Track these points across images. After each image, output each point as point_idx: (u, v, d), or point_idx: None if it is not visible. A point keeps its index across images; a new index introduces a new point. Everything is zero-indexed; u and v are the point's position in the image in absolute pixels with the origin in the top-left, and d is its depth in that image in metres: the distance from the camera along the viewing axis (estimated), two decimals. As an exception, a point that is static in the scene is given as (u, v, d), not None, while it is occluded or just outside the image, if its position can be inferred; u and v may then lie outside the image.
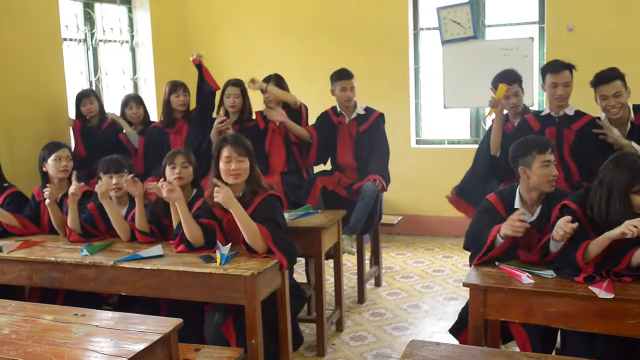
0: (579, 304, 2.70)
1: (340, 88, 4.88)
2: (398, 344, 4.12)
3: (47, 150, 4.06)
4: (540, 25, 6.21)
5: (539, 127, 4.13)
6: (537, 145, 3.24)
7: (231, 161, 3.38)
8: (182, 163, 3.72)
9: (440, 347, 2.29)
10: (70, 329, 2.47)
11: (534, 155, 3.20)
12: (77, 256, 3.49)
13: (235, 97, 4.96)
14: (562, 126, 4.08)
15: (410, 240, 6.60)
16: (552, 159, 3.20)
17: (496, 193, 3.37)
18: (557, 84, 4.03)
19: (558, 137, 4.05)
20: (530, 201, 3.24)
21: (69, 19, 5.86)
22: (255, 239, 3.24)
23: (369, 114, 4.98)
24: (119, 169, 3.83)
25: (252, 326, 3.10)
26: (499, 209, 3.27)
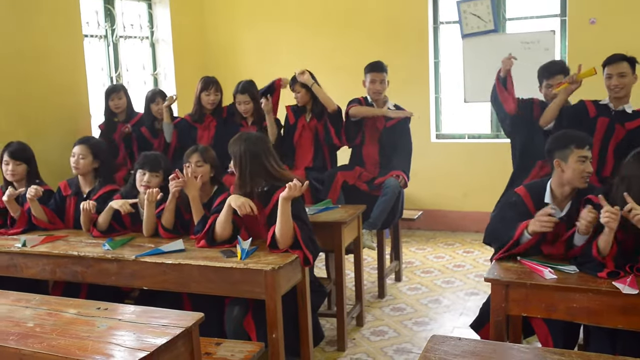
0: (602, 299, 2.68)
1: (370, 79, 4.90)
2: (418, 339, 4.11)
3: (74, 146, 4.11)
4: (562, 18, 6.14)
5: (595, 113, 4.07)
6: (576, 140, 3.18)
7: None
8: (196, 162, 3.72)
9: (462, 342, 2.27)
10: (94, 323, 2.49)
11: (571, 149, 3.14)
12: (99, 250, 3.52)
13: (246, 104, 4.99)
14: (616, 121, 4.01)
15: (431, 235, 6.57)
16: (589, 155, 3.14)
17: (525, 186, 3.32)
18: (611, 74, 3.98)
19: (608, 130, 4.01)
20: (561, 196, 3.19)
21: (89, 16, 5.90)
22: (287, 236, 3.25)
23: None
24: (154, 168, 3.81)
25: (273, 320, 3.10)
26: (527, 203, 3.22)
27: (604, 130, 4.02)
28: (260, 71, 6.37)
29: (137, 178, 3.80)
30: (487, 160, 6.20)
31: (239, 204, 3.32)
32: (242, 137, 3.55)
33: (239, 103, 5.02)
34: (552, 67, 4.38)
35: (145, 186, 3.74)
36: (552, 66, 4.39)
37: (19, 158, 4.11)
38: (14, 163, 4.08)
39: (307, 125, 5.05)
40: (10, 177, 4.08)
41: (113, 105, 5.27)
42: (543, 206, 3.13)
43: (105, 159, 4.18)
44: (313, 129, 5.04)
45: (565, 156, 3.15)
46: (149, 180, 3.77)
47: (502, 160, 4.73)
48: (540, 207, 3.12)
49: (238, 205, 3.32)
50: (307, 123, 5.05)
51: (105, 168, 4.19)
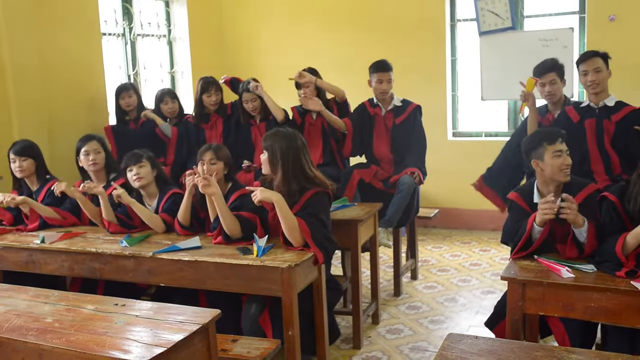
0: (620, 298, 2.66)
1: (376, 80, 4.87)
2: (434, 338, 4.10)
3: (79, 144, 4.14)
4: (581, 15, 6.09)
5: (579, 118, 4.07)
6: (546, 136, 3.23)
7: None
8: (210, 159, 3.73)
9: (479, 340, 2.27)
10: (111, 319, 2.51)
11: (544, 146, 3.18)
12: (116, 247, 3.54)
13: (253, 101, 5.00)
14: (602, 117, 4.01)
15: (447, 234, 6.55)
16: (563, 148, 3.17)
17: (516, 191, 3.37)
18: (587, 71, 4.00)
19: (598, 128, 3.99)
20: (548, 194, 3.18)
21: (107, 14, 5.94)
22: (293, 232, 3.25)
23: (406, 106, 4.95)
24: (137, 160, 3.87)
25: (289, 318, 3.11)
26: (522, 205, 3.25)
27: (594, 131, 4.01)
28: (276, 69, 6.38)
29: (129, 178, 3.86)
30: (504, 159, 6.15)
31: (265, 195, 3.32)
32: (282, 134, 3.51)
33: (245, 101, 5.03)
34: (543, 66, 4.36)
35: (137, 179, 3.82)
36: (543, 65, 4.37)
37: (24, 154, 4.14)
38: (20, 159, 4.12)
39: (315, 123, 5.06)
40: (20, 173, 4.13)
41: (124, 104, 5.31)
42: (535, 206, 3.13)
43: (110, 153, 4.26)
44: (320, 126, 5.04)
45: (541, 155, 3.19)
46: (137, 172, 3.84)
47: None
48: (534, 208, 3.13)
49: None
50: (314, 121, 5.06)
51: (112, 162, 4.24)
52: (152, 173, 3.90)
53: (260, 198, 3.27)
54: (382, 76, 4.85)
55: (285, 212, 3.25)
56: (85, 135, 4.20)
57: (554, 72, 4.32)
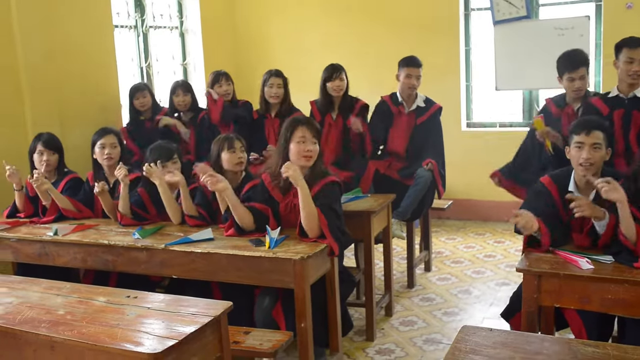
0: (638, 290, 2.62)
1: (405, 74, 4.81)
2: (448, 330, 4.08)
3: (95, 137, 4.14)
4: (597, 3, 6.00)
5: (608, 110, 3.89)
6: (576, 126, 3.14)
7: (306, 142, 3.38)
8: (240, 147, 3.75)
9: (493, 333, 2.24)
10: (123, 311, 2.51)
11: (572, 136, 3.12)
12: (129, 239, 3.54)
13: (278, 87, 4.94)
14: (632, 108, 3.86)
15: (461, 225, 6.51)
16: (585, 141, 3.04)
17: (550, 176, 3.25)
18: (633, 59, 3.81)
19: (625, 120, 3.86)
20: (583, 185, 3.12)
21: (119, 6, 5.93)
22: (312, 222, 3.23)
23: (429, 107, 4.92)
24: (169, 156, 3.87)
25: (302, 310, 3.09)
26: (552, 191, 3.16)
27: (621, 123, 3.88)
28: (289, 61, 6.35)
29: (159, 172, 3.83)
30: (519, 149, 6.09)
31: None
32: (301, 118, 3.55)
33: (270, 85, 4.95)
34: (575, 59, 4.09)
35: (172, 176, 3.78)
36: (575, 57, 4.10)
37: (53, 148, 4.17)
38: (48, 153, 4.14)
39: (334, 124, 4.96)
40: (45, 167, 4.12)
41: (138, 104, 5.29)
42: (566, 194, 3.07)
43: (125, 148, 4.27)
44: (340, 126, 4.94)
45: (569, 144, 3.13)
46: (172, 169, 3.83)
47: (534, 149, 4.65)
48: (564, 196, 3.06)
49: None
50: (334, 121, 4.97)
51: (127, 156, 4.26)
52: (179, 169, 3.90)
53: (291, 174, 3.22)
54: (412, 71, 4.80)
55: (307, 199, 3.23)
56: (102, 129, 4.19)
57: (584, 66, 4.09)
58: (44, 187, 3.94)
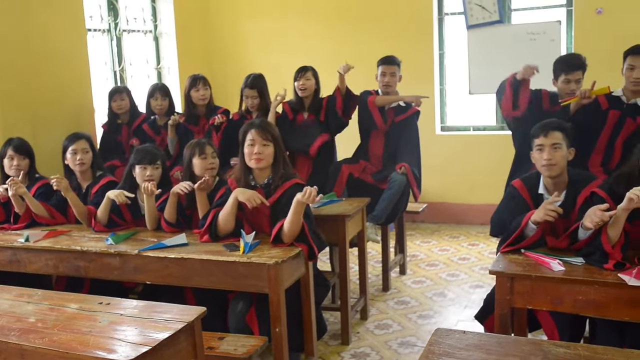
0: (608, 291, 2.65)
1: (380, 72, 4.91)
2: (423, 333, 4.09)
3: (66, 142, 4.10)
4: (568, 8, 6.09)
5: (607, 106, 4.01)
6: (537, 129, 3.20)
7: (254, 144, 3.37)
8: (212, 153, 3.74)
9: (466, 335, 2.25)
10: (95, 318, 2.48)
11: (533, 140, 3.18)
12: (102, 245, 3.51)
13: (253, 98, 4.96)
14: (628, 114, 3.96)
15: (436, 228, 6.55)
16: (545, 142, 3.11)
17: (521, 179, 3.31)
18: (634, 66, 3.88)
19: (618, 123, 3.96)
20: (552, 187, 3.16)
21: (92, 10, 5.88)
22: (296, 229, 3.21)
23: (407, 108, 4.96)
24: (152, 160, 3.81)
25: (276, 314, 3.09)
26: (523, 195, 3.22)
27: (614, 123, 3.97)
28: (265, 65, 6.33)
29: (138, 173, 3.78)
30: (492, 152, 6.16)
31: (247, 197, 3.29)
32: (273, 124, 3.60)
33: (246, 97, 4.99)
34: (573, 62, 4.19)
35: (148, 179, 3.73)
36: (572, 60, 4.21)
37: (23, 153, 4.13)
38: (19, 158, 4.10)
39: (307, 121, 5.03)
40: (15, 171, 4.07)
41: (115, 106, 5.25)
42: (538, 197, 3.12)
43: (97, 152, 4.22)
44: (313, 123, 5.01)
45: (532, 147, 3.18)
46: (152, 173, 3.76)
47: (507, 152, 4.70)
48: (536, 199, 3.12)
49: (247, 199, 3.29)
50: (306, 120, 5.02)
51: (99, 160, 4.21)
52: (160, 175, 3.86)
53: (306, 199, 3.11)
54: (386, 69, 4.87)
55: (300, 215, 3.20)
56: (73, 134, 4.15)
57: (581, 70, 4.16)
58: (21, 191, 3.88)
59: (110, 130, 5.31)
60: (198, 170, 3.70)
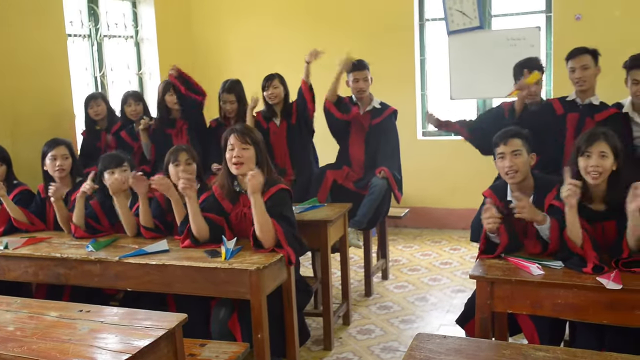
0: (587, 295, 2.68)
1: (353, 79, 4.88)
2: (405, 337, 4.10)
3: (45, 148, 4.07)
4: (548, 14, 6.15)
5: (562, 111, 4.08)
6: (496, 139, 3.26)
7: (234, 149, 3.37)
8: (186, 160, 3.70)
9: (447, 340, 2.26)
10: (75, 326, 2.46)
11: (495, 150, 3.24)
12: (82, 252, 3.48)
13: (231, 103, 4.96)
14: (586, 115, 4.02)
15: (418, 233, 6.57)
16: (505, 150, 3.17)
17: (490, 188, 3.39)
18: (574, 68, 4.00)
19: (579, 125, 4.01)
20: (519, 192, 3.20)
21: (73, 15, 5.85)
22: (266, 233, 3.21)
23: (384, 109, 4.97)
24: (119, 163, 3.81)
25: (258, 320, 3.08)
26: (496, 202, 3.25)
27: (574, 126, 4.03)
28: (247, 70, 6.34)
29: (108, 179, 3.78)
30: (474, 157, 6.13)
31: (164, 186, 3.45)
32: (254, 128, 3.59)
33: (224, 102, 5.00)
34: (530, 64, 4.32)
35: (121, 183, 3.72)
36: (529, 63, 4.34)
37: (0, 159, 4.08)
38: None
39: (279, 131, 5.03)
40: None
41: (92, 113, 5.23)
42: (508, 204, 3.16)
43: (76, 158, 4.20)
44: (284, 132, 5.02)
45: (495, 155, 3.25)
46: (119, 176, 3.75)
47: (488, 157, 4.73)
48: (506, 205, 3.15)
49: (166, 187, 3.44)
50: (278, 128, 5.03)
51: (79, 166, 4.19)
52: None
53: (252, 184, 3.17)
54: (358, 75, 4.86)
55: (261, 210, 3.21)
56: (53, 140, 4.12)
57: (539, 71, 4.29)
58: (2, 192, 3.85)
59: (89, 136, 5.29)
60: (172, 177, 3.69)
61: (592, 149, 2.93)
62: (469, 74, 6.25)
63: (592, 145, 2.93)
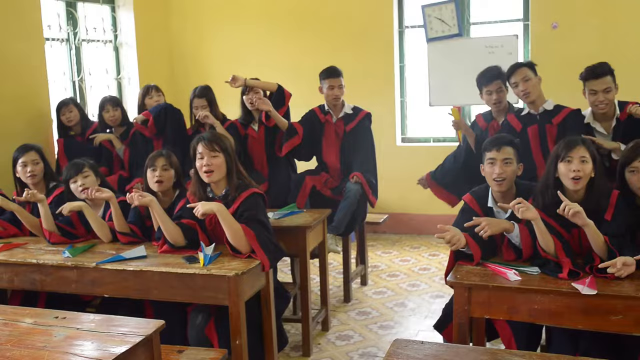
0: (563, 300, 2.70)
1: (327, 86, 4.86)
2: (384, 343, 4.11)
3: (16, 154, 4.03)
4: (525, 22, 6.23)
5: (521, 127, 4.13)
6: (487, 143, 3.29)
7: (203, 157, 3.37)
8: (162, 166, 3.68)
9: (425, 345, 2.27)
10: (50, 332, 2.43)
11: (485, 154, 3.26)
12: (59, 258, 3.45)
13: (203, 108, 4.93)
14: (544, 122, 4.08)
15: (397, 239, 6.59)
16: (496, 157, 3.19)
17: (471, 193, 3.39)
18: (517, 82, 4.09)
19: (541, 134, 4.06)
20: (500, 199, 3.23)
21: (51, 19, 5.81)
22: (238, 240, 3.21)
23: (356, 114, 4.97)
24: (79, 169, 3.77)
25: (236, 327, 3.07)
26: (474, 208, 3.28)
27: (537, 138, 4.08)
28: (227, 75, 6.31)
29: (74, 189, 3.75)
30: (452, 164, 6.24)
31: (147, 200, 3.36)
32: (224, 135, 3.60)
33: (196, 107, 4.97)
34: (489, 73, 4.41)
35: (83, 190, 3.69)
36: (489, 72, 4.43)
37: None
38: None
39: (257, 136, 5.00)
40: None
41: (65, 120, 5.17)
42: (488, 210, 3.19)
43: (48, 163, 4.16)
44: (263, 138, 4.99)
45: (483, 161, 3.27)
46: (82, 182, 3.73)
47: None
48: (486, 212, 3.19)
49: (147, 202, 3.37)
50: (257, 134, 5.01)
51: (52, 171, 4.15)
52: (97, 182, 3.82)
53: (203, 211, 3.23)
54: (333, 82, 4.85)
55: (228, 220, 3.21)
56: (23, 146, 4.08)
57: (500, 79, 4.36)
58: None
59: (66, 142, 5.23)
60: (149, 181, 3.68)
61: (573, 154, 2.96)
62: (447, 80, 6.27)
63: (572, 150, 2.97)
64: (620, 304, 2.62)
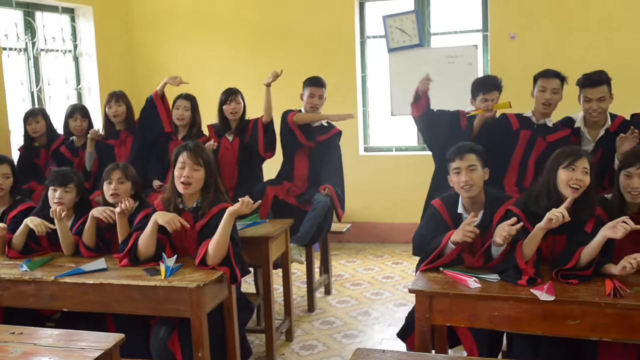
0: (522, 306, 2.75)
1: (309, 94, 4.91)
2: (347, 352, 4.12)
3: None
4: (484, 33, 6.33)
5: (517, 126, 4.16)
6: (451, 154, 3.33)
7: (184, 168, 3.33)
8: (118, 179, 3.63)
9: (386, 354, 2.28)
10: (7, 349, 2.38)
11: (450, 164, 3.30)
12: (16, 272, 3.37)
13: (185, 109, 4.90)
14: (538, 134, 4.12)
15: (360, 248, 6.62)
16: (461, 165, 3.24)
17: (440, 199, 3.41)
18: (545, 88, 4.05)
19: (530, 142, 4.12)
20: (470, 206, 3.28)
21: (8, 28, 5.71)
22: (221, 252, 3.18)
23: (330, 128, 5.02)
24: (64, 182, 3.67)
25: (199, 339, 3.05)
26: (443, 214, 3.31)
27: (525, 143, 4.14)
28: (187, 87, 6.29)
29: (49, 195, 3.67)
30: (415, 172, 6.29)
31: (167, 220, 3.24)
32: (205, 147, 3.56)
33: (177, 107, 4.91)
34: (489, 82, 4.40)
35: (57, 203, 3.61)
36: (490, 81, 4.42)
37: None
38: None
39: (230, 147, 4.98)
40: None
41: (31, 130, 5.08)
42: (457, 217, 3.22)
43: (18, 177, 4.06)
44: (237, 149, 4.97)
45: (449, 170, 3.30)
46: (61, 196, 3.63)
47: (429, 171, 4.83)
48: (455, 218, 3.22)
49: (167, 222, 3.24)
50: (230, 144, 4.98)
51: (19, 185, 4.06)
52: (75, 199, 3.74)
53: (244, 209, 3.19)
54: (315, 91, 4.90)
55: (227, 231, 3.18)
56: None
57: (497, 91, 4.35)
58: None
59: (27, 153, 5.14)
60: (105, 194, 3.63)
61: (578, 164, 3.00)
62: (409, 90, 6.29)
63: (577, 160, 3.00)
64: (578, 309, 2.68)
